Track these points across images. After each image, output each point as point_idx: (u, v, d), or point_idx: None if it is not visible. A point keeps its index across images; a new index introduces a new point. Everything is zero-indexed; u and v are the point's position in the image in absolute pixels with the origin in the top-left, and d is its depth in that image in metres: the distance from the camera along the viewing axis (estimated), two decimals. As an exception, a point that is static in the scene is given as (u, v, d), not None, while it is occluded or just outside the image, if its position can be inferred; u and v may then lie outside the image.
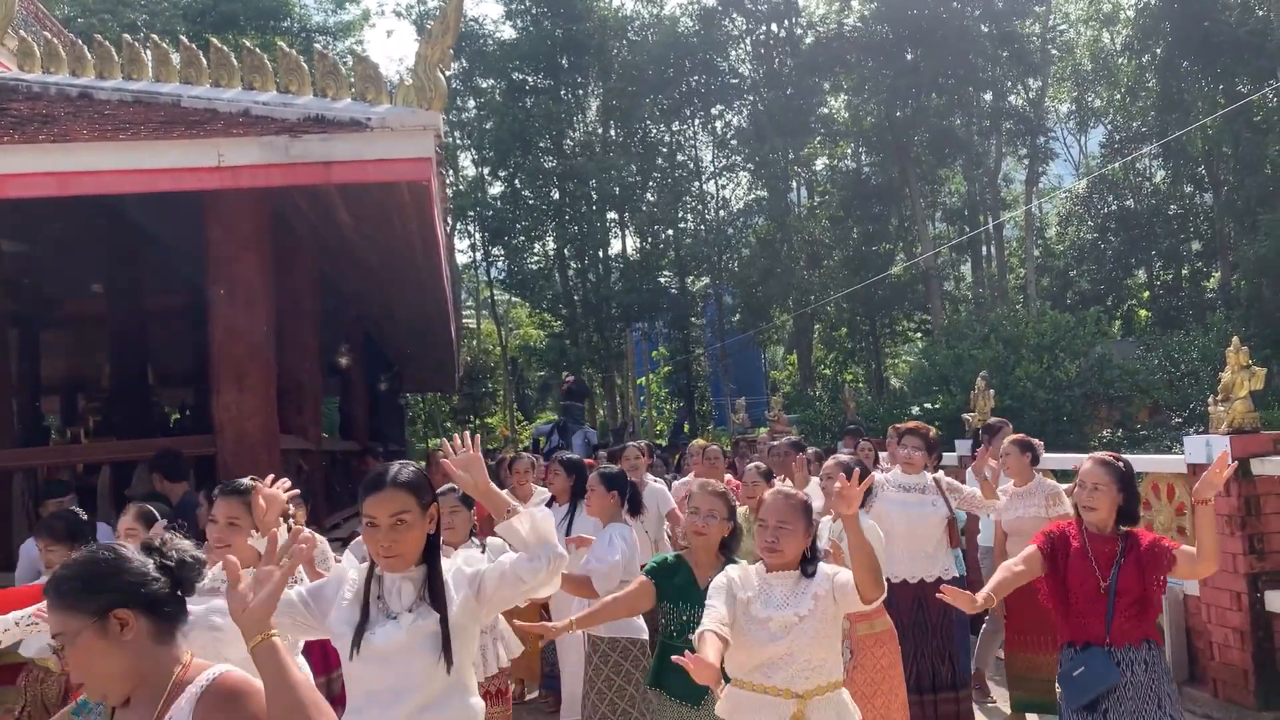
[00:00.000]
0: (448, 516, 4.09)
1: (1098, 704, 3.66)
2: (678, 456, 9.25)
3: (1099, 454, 3.90)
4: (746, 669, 3.35)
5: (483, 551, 4.29)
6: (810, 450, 7.55)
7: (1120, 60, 32.50)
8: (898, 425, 6.42)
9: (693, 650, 3.08)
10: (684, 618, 3.75)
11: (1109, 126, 34.39)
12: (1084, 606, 3.71)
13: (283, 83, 6.48)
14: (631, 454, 7.25)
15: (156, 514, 4.34)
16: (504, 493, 3.02)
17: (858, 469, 4.57)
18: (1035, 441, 6.18)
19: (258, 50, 6.90)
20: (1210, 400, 6.27)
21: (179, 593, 2.01)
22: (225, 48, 7.11)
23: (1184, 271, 33.08)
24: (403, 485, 2.69)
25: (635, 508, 5.26)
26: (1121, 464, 3.79)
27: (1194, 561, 3.64)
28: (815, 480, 5.97)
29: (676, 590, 3.81)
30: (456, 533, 4.43)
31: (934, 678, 5.30)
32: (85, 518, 4.63)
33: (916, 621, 5.29)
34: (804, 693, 3.28)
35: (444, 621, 2.69)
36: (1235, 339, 6.30)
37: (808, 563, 3.43)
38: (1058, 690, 3.85)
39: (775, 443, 8.29)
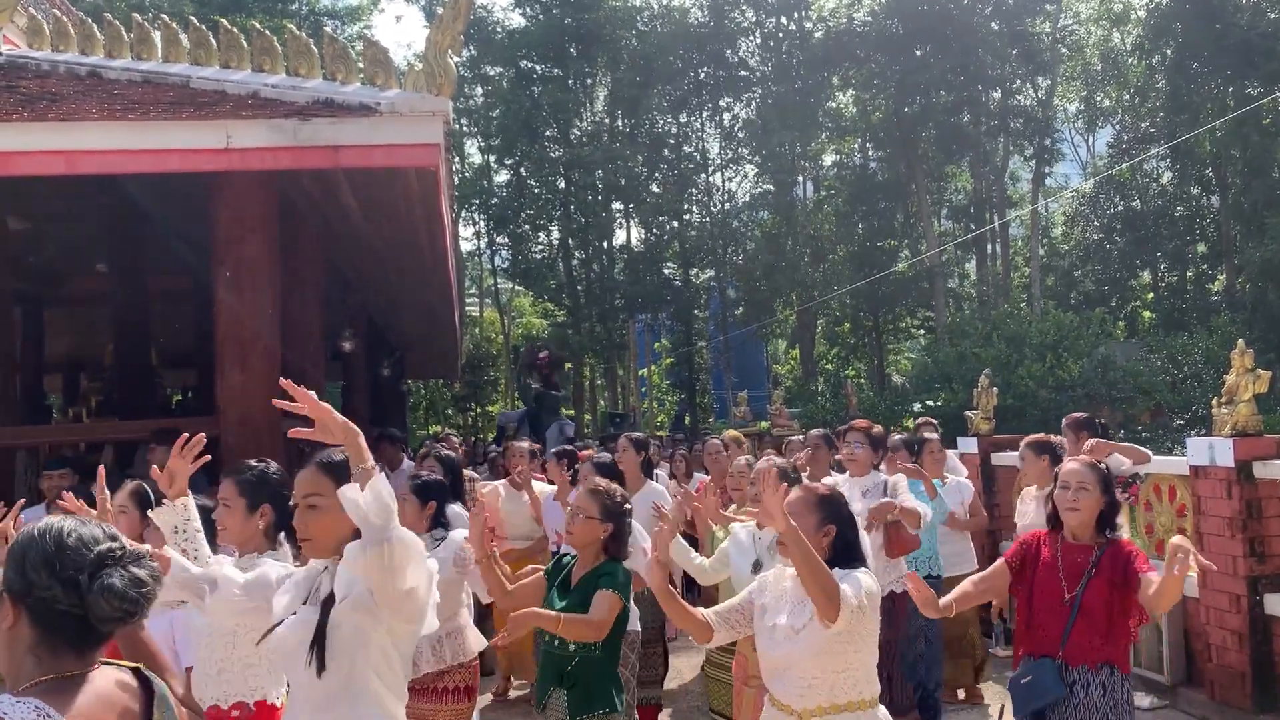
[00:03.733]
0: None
1: (1044, 717, 3.50)
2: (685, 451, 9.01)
3: (1080, 456, 3.76)
4: (764, 674, 3.22)
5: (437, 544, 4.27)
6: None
7: (1130, 60, 32.37)
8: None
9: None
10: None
11: (1117, 127, 34.24)
12: (1044, 618, 3.55)
13: (292, 65, 6.47)
14: (622, 444, 6.63)
15: (150, 494, 3.82)
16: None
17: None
18: (1055, 440, 5.81)
19: (267, 32, 6.88)
20: (1214, 403, 6.26)
21: (89, 622, 1.66)
22: (235, 29, 7.10)
23: (1189, 274, 33.00)
24: (324, 467, 2.51)
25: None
26: (1104, 466, 3.68)
27: (1149, 598, 3.38)
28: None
29: (553, 589, 3.71)
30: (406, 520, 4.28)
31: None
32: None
33: None
34: (801, 711, 3.05)
35: (321, 619, 2.42)
36: (1240, 342, 6.30)
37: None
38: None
39: (799, 437, 8.09)
